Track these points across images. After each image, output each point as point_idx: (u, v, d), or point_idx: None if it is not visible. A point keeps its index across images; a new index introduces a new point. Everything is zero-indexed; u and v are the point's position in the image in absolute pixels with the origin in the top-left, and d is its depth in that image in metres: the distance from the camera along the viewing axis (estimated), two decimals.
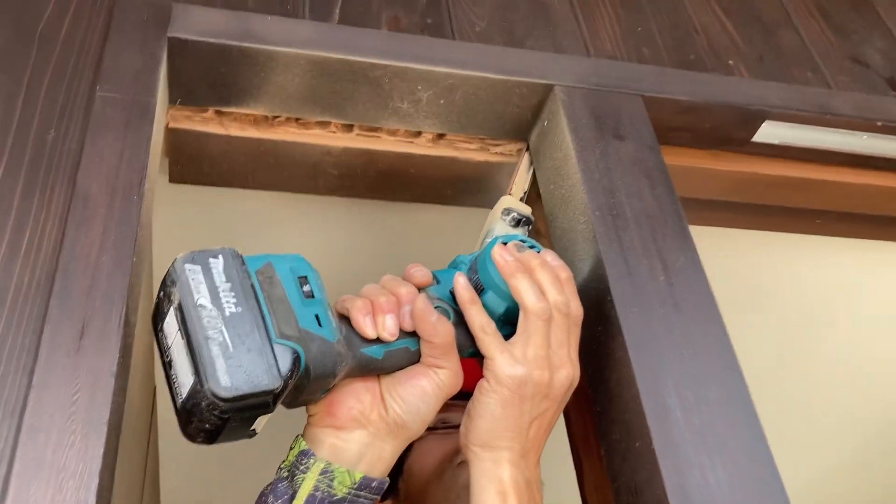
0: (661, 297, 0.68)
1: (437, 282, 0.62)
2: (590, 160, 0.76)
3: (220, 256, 0.52)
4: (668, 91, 0.84)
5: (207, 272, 0.51)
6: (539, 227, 0.91)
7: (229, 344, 0.49)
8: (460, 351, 0.60)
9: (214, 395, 0.47)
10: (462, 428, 0.61)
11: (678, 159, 0.89)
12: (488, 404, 0.58)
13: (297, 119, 0.82)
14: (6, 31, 0.70)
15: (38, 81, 0.67)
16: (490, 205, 0.94)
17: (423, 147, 0.86)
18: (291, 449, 0.59)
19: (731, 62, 0.94)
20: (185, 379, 0.49)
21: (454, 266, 0.65)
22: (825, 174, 0.93)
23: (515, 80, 0.80)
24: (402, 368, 0.59)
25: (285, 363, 0.50)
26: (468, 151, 0.88)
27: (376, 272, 0.78)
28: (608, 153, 0.77)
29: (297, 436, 0.60)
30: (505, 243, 0.63)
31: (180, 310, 0.50)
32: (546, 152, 0.82)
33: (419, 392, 0.58)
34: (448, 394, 0.59)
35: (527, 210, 0.83)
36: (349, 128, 0.84)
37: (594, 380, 0.69)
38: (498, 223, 0.81)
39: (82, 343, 0.53)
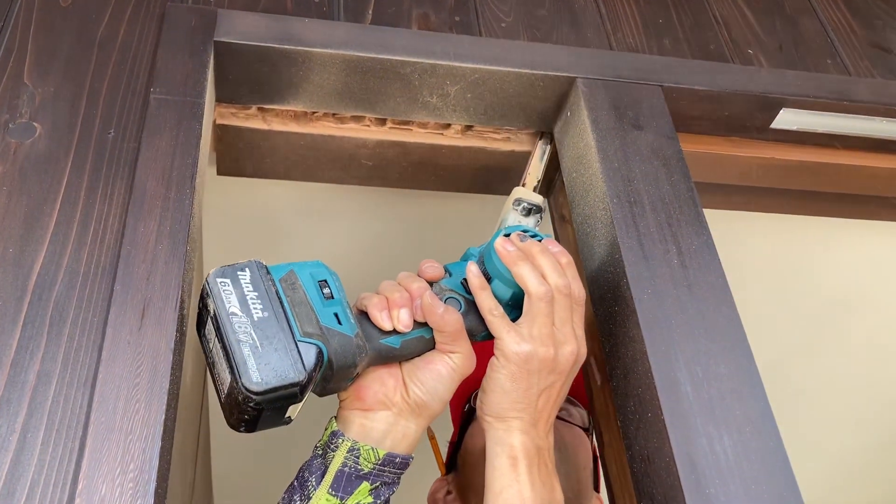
0: (675, 279, 0.72)
1: (450, 274, 0.68)
2: (609, 150, 0.80)
3: (247, 269, 0.59)
4: (687, 81, 0.88)
5: (237, 283, 0.58)
6: (564, 213, 0.95)
7: (258, 345, 0.56)
8: (474, 335, 0.66)
9: (248, 390, 0.55)
10: (477, 401, 0.66)
11: (698, 146, 0.92)
12: (499, 379, 0.64)
13: (333, 114, 0.88)
14: (69, 38, 0.77)
15: (98, 85, 0.74)
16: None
17: (452, 138, 0.91)
18: (325, 430, 0.65)
19: (750, 51, 0.97)
20: (224, 377, 0.57)
21: (465, 258, 0.71)
22: (843, 158, 0.96)
23: (539, 73, 0.85)
24: (419, 355, 0.65)
25: (309, 358, 0.57)
26: (495, 142, 0.93)
27: (407, 257, 0.83)
28: (627, 143, 0.81)
29: (331, 417, 0.66)
30: (508, 235, 0.68)
31: (216, 318, 0.57)
32: (569, 142, 0.87)
33: (436, 375, 0.64)
34: (463, 374, 0.65)
35: (538, 199, 0.87)
36: (382, 121, 0.89)
37: (611, 356, 0.74)
38: (510, 213, 0.85)
39: (143, 322, 0.59)
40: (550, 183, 0.98)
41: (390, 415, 0.64)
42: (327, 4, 0.86)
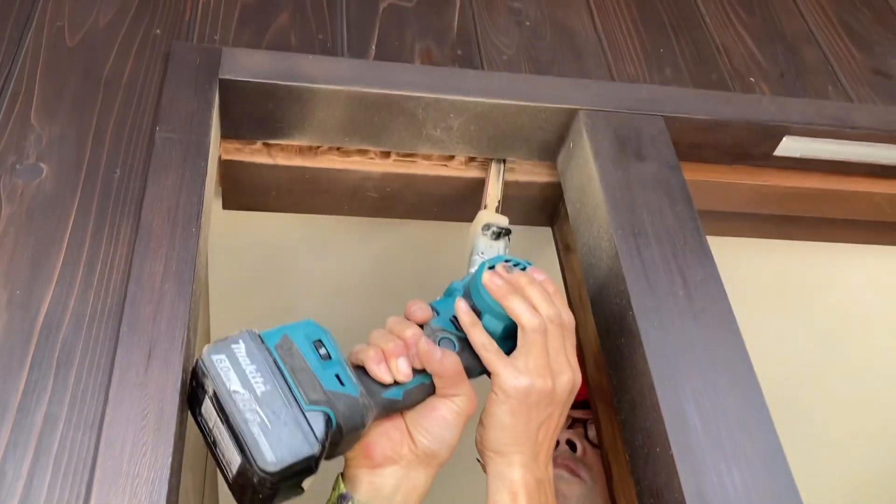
0: (681, 311, 0.72)
1: (437, 313, 0.67)
2: (612, 181, 0.80)
3: (241, 341, 0.58)
4: (689, 111, 0.88)
5: (233, 359, 0.56)
6: (568, 243, 0.95)
7: (267, 422, 0.54)
8: (471, 373, 0.65)
9: (263, 472, 0.53)
10: (476, 436, 0.66)
11: (701, 174, 0.92)
12: (498, 414, 0.63)
13: (338, 148, 0.88)
14: (75, 78, 0.77)
15: (104, 125, 0.74)
16: (526, 221, 0.99)
17: (456, 170, 0.92)
18: (333, 490, 0.64)
19: (752, 79, 0.97)
20: (232, 458, 0.55)
21: (449, 294, 0.70)
22: (846, 185, 0.96)
23: (541, 105, 0.85)
24: (421, 402, 0.64)
25: (319, 427, 0.56)
26: None
27: (414, 285, 0.84)
28: (630, 173, 0.81)
29: (338, 475, 0.65)
30: (492, 267, 0.68)
31: (216, 398, 0.55)
32: (572, 173, 0.87)
33: (441, 422, 0.63)
34: (468, 416, 0.64)
35: (504, 221, 0.86)
36: (387, 154, 0.90)
37: (618, 389, 0.74)
38: (479, 238, 0.84)
39: (150, 364, 0.59)
40: (554, 212, 0.98)
41: (399, 469, 0.63)
42: (331, 41, 0.87)
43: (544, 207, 0.97)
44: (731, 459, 0.64)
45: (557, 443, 0.89)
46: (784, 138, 0.92)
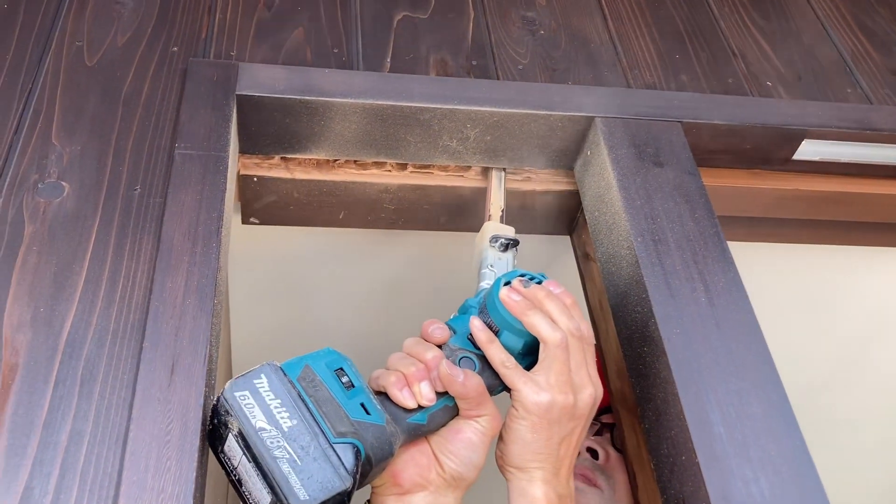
0: (703, 318, 0.71)
1: (454, 332, 0.66)
2: (630, 188, 0.80)
3: (263, 375, 0.56)
4: (706, 117, 0.88)
5: (256, 394, 0.55)
6: (588, 252, 0.95)
7: (296, 458, 0.53)
8: (492, 390, 0.64)
9: None
10: (497, 451, 0.65)
11: (719, 180, 0.92)
12: (519, 430, 0.62)
13: (355, 161, 0.88)
14: (95, 97, 0.78)
15: (124, 142, 0.75)
16: (544, 230, 0.99)
17: (472, 180, 0.92)
18: None
19: (769, 83, 0.97)
20: (260, 497, 0.54)
21: (464, 311, 0.69)
22: (868, 187, 0.95)
23: (557, 114, 0.85)
24: (445, 424, 0.63)
25: (349, 460, 0.55)
26: (515, 182, 0.93)
27: (433, 297, 0.83)
28: (648, 180, 0.81)
29: (366, 502, 0.64)
30: (508, 282, 0.67)
31: (241, 436, 0.54)
32: (589, 181, 0.87)
33: (467, 444, 0.62)
34: (493, 436, 0.63)
35: (511, 231, 0.85)
36: (403, 166, 0.90)
37: (642, 398, 0.73)
38: (488, 251, 0.82)
39: (173, 379, 0.59)
40: (573, 221, 0.98)
41: (428, 494, 0.62)
42: (346, 54, 0.87)
43: (562, 216, 0.97)
44: (758, 467, 0.63)
45: (578, 453, 0.88)
46: (803, 142, 0.91)
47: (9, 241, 0.66)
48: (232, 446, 0.56)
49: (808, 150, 0.92)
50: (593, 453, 0.87)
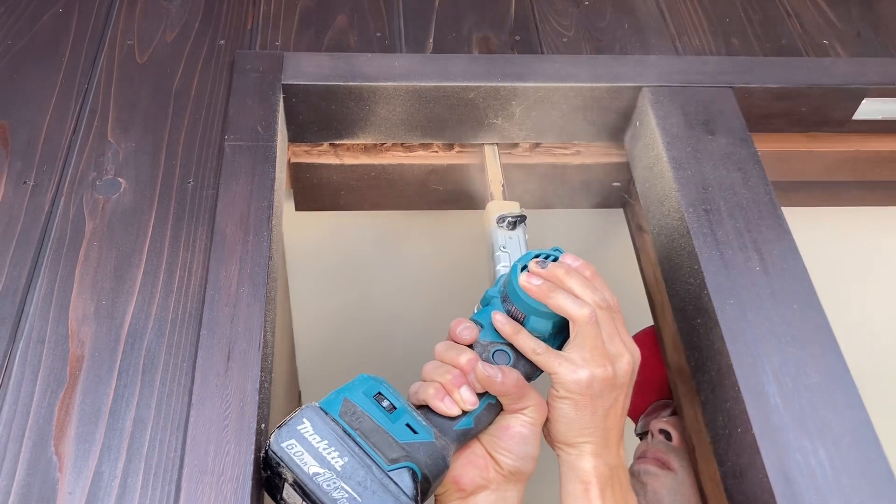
0: (757, 288, 0.70)
1: (482, 326, 0.65)
2: (681, 158, 0.79)
3: (305, 419, 0.56)
4: (759, 80, 0.85)
5: (303, 441, 0.55)
6: (641, 223, 0.94)
7: (355, 495, 0.53)
8: (531, 377, 0.64)
9: None
10: (544, 430, 0.65)
11: (775, 145, 0.89)
12: (562, 409, 0.62)
13: (402, 143, 0.89)
14: (146, 94, 0.81)
15: (176, 136, 0.77)
16: (597, 204, 0.98)
17: (520, 157, 0.91)
18: None
19: (825, 42, 0.93)
20: None
21: (486, 303, 0.68)
22: None
23: (602, 86, 0.84)
24: (492, 422, 0.63)
25: (407, 484, 0.55)
26: (565, 157, 0.92)
27: (483, 278, 0.84)
28: (699, 149, 0.79)
29: None
30: (525, 267, 0.65)
31: (298, 485, 0.54)
32: (639, 153, 0.85)
33: (518, 438, 0.62)
34: (542, 423, 0.63)
35: (516, 207, 0.83)
36: (450, 146, 0.90)
37: (697, 370, 0.72)
38: (496, 232, 0.80)
39: (229, 365, 0.61)
40: (626, 193, 0.97)
41: (490, 492, 0.63)
42: (389, 38, 0.88)
43: (614, 189, 0.96)
44: (817, 438, 0.62)
45: (651, 434, 0.87)
46: (863, 101, 0.88)
47: (71, 238, 0.69)
48: (290, 494, 0.56)
49: (869, 108, 0.88)
50: (666, 435, 0.86)
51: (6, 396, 0.60)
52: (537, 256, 0.67)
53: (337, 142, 0.87)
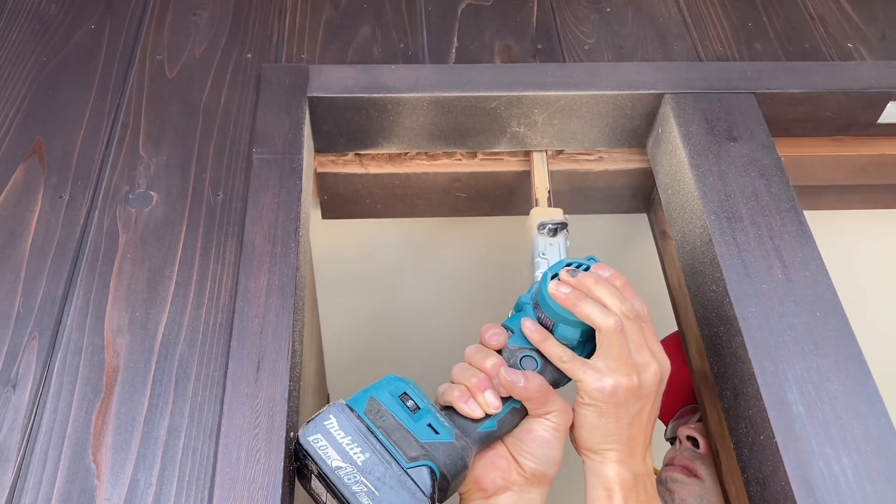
0: (780, 295, 0.70)
1: (512, 332, 0.66)
2: (703, 165, 0.79)
3: (332, 416, 0.59)
4: (781, 85, 0.85)
5: (328, 436, 0.58)
6: (665, 230, 0.94)
7: (374, 489, 0.56)
8: (557, 384, 0.65)
9: None
10: (570, 435, 0.66)
11: (800, 150, 0.89)
12: (587, 416, 0.63)
13: (426, 152, 0.90)
14: (176, 108, 0.83)
15: (205, 150, 0.79)
16: (622, 209, 0.99)
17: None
18: None
19: (849, 45, 0.93)
20: None
21: (519, 309, 0.69)
22: None
23: (624, 93, 0.84)
24: (517, 425, 0.64)
25: (424, 482, 0.57)
26: (588, 163, 0.93)
27: (512, 281, 0.85)
28: (721, 156, 0.80)
29: None
30: (555, 275, 0.66)
31: (322, 477, 0.57)
32: (662, 159, 0.86)
33: (541, 442, 0.63)
34: (566, 428, 0.64)
35: (559, 214, 0.84)
36: (473, 154, 0.91)
37: (720, 378, 0.73)
38: (538, 238, 0.82)
39: (259, 375, 0.63)
40: (649, 199, 0.97)
41: (512, 494, 0.63)
42: (412, 48, 0.89)
43: (638, 194, 0.97)
44: (840, 446, 0.62)
45: (679, 440, 0.88)
46: (889, 104, 0.87)
47: (105, 251, 0.71)
48: (316, 485, 0.59)
49: (894, 112, 0.88)
50: (694, 441, 0.86)
51: (46, 405, 0.63)
52: (569, 265, 0.68)
53: (362, 152, 0.89)
